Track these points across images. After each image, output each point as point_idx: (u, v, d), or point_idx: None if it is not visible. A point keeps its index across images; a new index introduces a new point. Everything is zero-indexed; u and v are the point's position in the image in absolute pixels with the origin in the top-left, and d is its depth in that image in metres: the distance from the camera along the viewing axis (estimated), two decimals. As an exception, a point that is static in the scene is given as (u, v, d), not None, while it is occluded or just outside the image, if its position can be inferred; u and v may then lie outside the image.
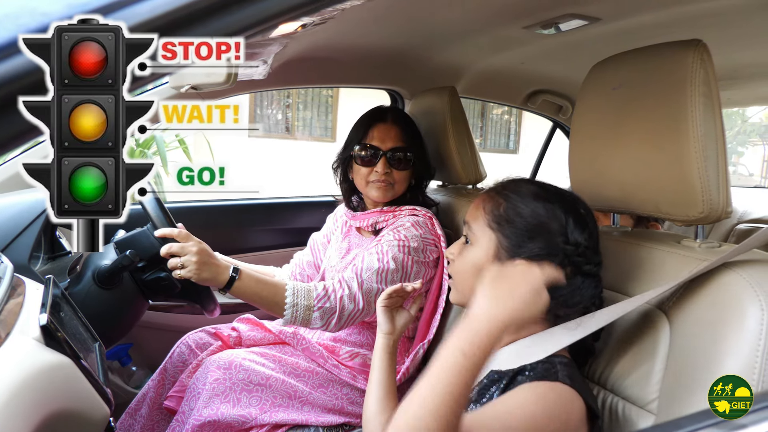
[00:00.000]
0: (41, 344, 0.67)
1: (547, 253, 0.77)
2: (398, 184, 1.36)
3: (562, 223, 0.78)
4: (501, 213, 0.82)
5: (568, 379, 0.71)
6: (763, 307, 0.67)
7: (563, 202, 0.81)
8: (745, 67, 1.83)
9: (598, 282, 0.80)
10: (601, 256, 0.82)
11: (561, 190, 0.84)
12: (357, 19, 1.41)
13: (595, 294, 0.80)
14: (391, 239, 1.26)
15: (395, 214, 1.36)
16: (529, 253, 0.78)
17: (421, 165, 1.40)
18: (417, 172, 1.40)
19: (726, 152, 0.79)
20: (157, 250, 1.18)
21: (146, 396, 1.30)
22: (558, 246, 0.77)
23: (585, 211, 0.82)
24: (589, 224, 0.81)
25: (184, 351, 1.36)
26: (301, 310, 1.15)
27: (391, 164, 1.34)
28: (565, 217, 0.79)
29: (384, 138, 1.35)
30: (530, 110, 2.41)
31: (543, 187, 0.84)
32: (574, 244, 0.77)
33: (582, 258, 0.78)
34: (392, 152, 1.34)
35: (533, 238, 0.78)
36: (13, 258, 0.86)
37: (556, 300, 0.76)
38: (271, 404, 1.18)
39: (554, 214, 0.79)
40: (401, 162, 1.35)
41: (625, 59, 0.91)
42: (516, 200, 0.82)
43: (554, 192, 0.83)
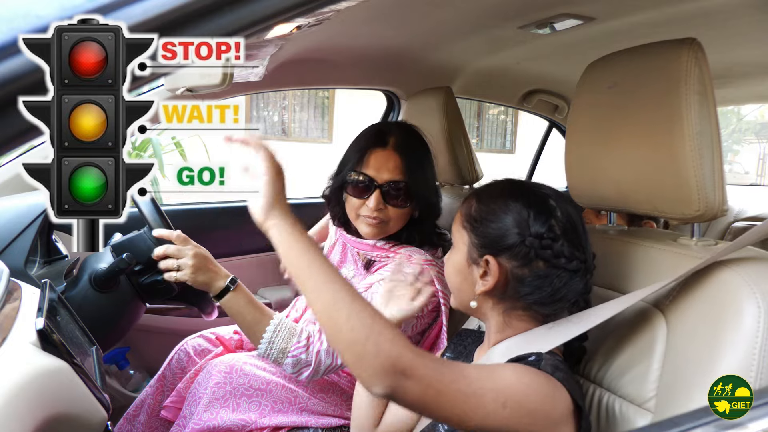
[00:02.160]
0: (38, 348, 0.66)
1: (509, 247, 0.77)
2: (393, 222, 1.17)
3: (523, 216, 0.78)
4: (471, 213, 0.83)
5: (549, 368, 0.71)
6: (759, 305, 0.67)
7: (529, 197, 0.80)
8: (740, 66, 1.84)
9: (582, 278, 0.79)
10: (588, 252, 0.81)
11: (534, 187, 0.83)
12: (352, 20, 1.41)
13: (580, 290, 0.79)
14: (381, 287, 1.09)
15: (389, 255, 1.19)
16: (494, 249, 0.79)
17: (423, 202, 1.18)
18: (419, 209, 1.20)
19: (721, 150, 0.79)
20: (154, 253, 1.18)
21: (144, 402, 1.30)
22: (520, 239, 0.77)
23: (556, 204, 0.80)
24: (556, 215, 0.79)
25: (182, 357, 1.35)
26: (275, 350, 1.07)
27: (386, 199, 1.14)
28: (527, 210, 0.78)
29: (380, 167, 1.14)
30: (526, 110, 2.42)
31: (515, 184, 0.84)
32: (536, 236, 0.77)
33: (549, 250, 0.77)
34: (388, 185, 1.14)
35: (498, 234, 0.79)
36: (9, 262, 0.85)
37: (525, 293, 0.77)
38: (270, 409, 1.17)
39: (516, 208, 0.79)
40: (398, 198, 1.15)
41: (619, 58, 0.91)
42: (485, 199, 0.83)
43: (524, 188, 0.83)
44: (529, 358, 0.73)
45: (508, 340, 0.80)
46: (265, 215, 0.67)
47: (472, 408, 0.64)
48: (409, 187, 1.15)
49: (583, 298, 0.80)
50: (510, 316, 0.80)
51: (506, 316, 0.81)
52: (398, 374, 0.62)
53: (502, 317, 0.81)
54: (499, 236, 0.79)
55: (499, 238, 0.79)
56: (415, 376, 0.62)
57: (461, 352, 0.92)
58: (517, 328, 0.80)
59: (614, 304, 0.78)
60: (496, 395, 0.66)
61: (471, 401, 0.64)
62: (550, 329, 0.79)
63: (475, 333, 0.96)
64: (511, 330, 0.81)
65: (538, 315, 0.80)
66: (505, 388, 0.67)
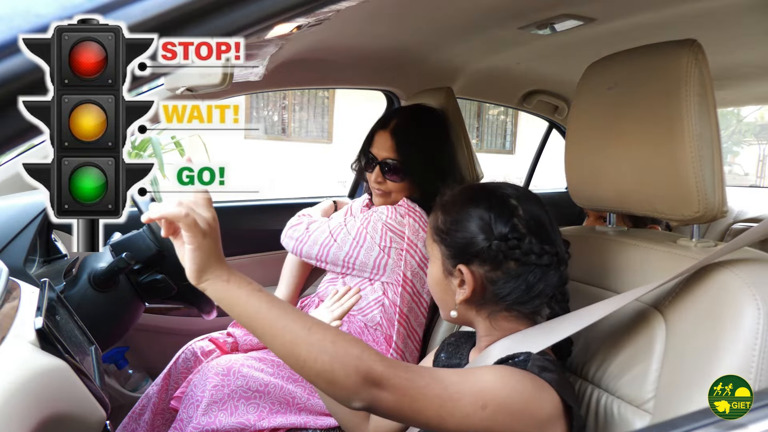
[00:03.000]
0: (37, 348, 0.66)
1: (478, 253, 0.78)
2: (395, 194, 1.35)
3: (486, 220, 0.78)
4: (438, 225, 0.83)
5: (536, 368, 0.71)
6: (759, 306, 0.67)
7: (490, 200, 0.80)
8: (740, 67, 1.84)
9: (556, 271, 0.79)
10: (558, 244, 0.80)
11: (493, 188, 0.83)
12: (352, 20, 1.41)
13: (555, 283, 0.79)
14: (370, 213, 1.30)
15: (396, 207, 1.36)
16: (464, 258, 0.79)
17: (419, 178, 1.34)
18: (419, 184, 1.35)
19: (721, 152, 0.79)
20: (154, 253, 1.18)
21: (150, 401, 1.30)
22: (487, 244, 0.77)
23: (517, 202, 0.80)
24: (518, 213, 0.78)
25: (189, 358, 1.36)
26: None
27: (384, 174, 1.34)
28: (488, 214, 0.78)
29: (380, 147, 1.34)
30: (526, 111, 2.42)
31: (474, 189, 0.84)
32: (501, 238, 0.77)
33: (517, 250, 0.76)
34: (385, 162, 1.33)
35: (465, 243, 0.79)
36: (8, 261, 0.85)
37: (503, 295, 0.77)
38: (269, 411, 1.17)
39: (478, 213, 0.79)
40: (393, 174, 1.33)
41: (620, 59, 0.91)
42: (449, 210, 0.83)
43: (483, 191, 0.82)
44: (517, 358, 0.73)
45: (500, 342, 0.80)
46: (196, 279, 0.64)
47: (449, 411, 0.65)
48: (402, 164, 1.32)
49: (560, 290, 0.80)
50: (495, 318, 0.81)
51: (491, 320, 0.81)
52: (371, 387, 0.62)
53: (488, 321, 0.81)
54: (466, 244, 0.79)
55: (466, 246, 0.79)
56: (388, 386, 0.63)
57: (455, 354, 0.92)
58: (505, 329, 0.80)
59: (608, 303, 0.78)
60: (474, 398, 0.66)
61: (447, 405, 0.65)
62: (540, 328, 0.79)
63: (469, 334, 0.96)
64: (500, 332, 0.81)
65: (521, 314, 0.80)
66: (484, 390, 0.67)
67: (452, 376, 0.69)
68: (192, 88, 0.91)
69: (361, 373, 0.62)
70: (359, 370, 0.62)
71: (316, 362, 0.62)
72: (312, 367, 0.63)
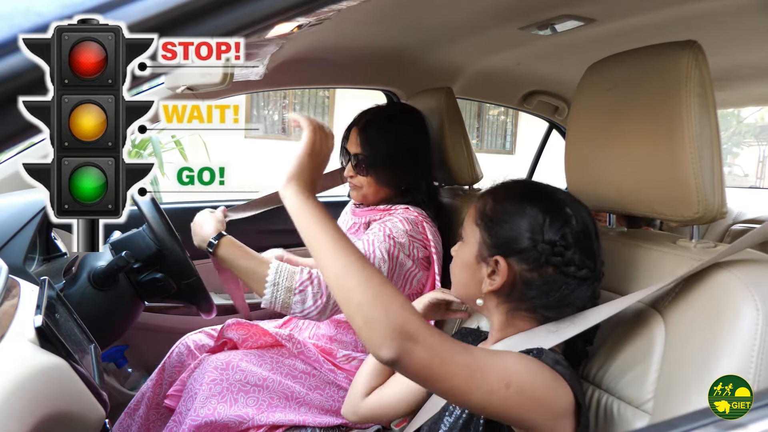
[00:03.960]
0: (36, 346, 0.66)
1: (521, 251, 0.78)
2: (366, 187, 1.38)
3: (539, 221, 0.78)
4: (486, 211, 0.83)
5: (551, 361, 0.71)
6: (758, 307, 0.67)
7: (546, 201, 0.80)
8: (740, 68, 1.84)
9: (590, 285, 0.79)
10: (598, 261, 0.81)
11: (551, 191, 0.83)
12: (353, 19, 1.41)
13: (586, 297, 0.79)
14: (377, 230, 1.25)
15: (390, 212, 1.35)
16: (505, 250, 0.79)
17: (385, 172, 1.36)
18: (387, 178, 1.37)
19: (721, 153, 0.79)
20: (153, 251, 1.18)
21: (144, 396, 1.30)
22: (533, 244, 0.77)
23: (572, 212, 0.80)
24: (571, 223, 0.78)
25: (182, 351, 1.36)
26: (281, 290, 1.10)
27: (355, 169, 1.38)
28: (543, 216, 0.78)
29: (351, 142, 1.39)
30: (526, 111, 2.42)
31: (532, 186, 0.84)
32: (549, 243, 0.77)
33: (560, 258, 0.76)
34: (355, 157, 1.37)
35: (511, 236, 0.79)
36: (8, 259, 0.85)
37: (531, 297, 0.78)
38: (268, 405, 1.17)
39: (532, 213, 0.79)
40: (359, 167, 1.37)
41: (620, 60, 0.91)
42: (501, 199, 0.83)
43: (541, 191, 0.82)
44: (531, 353, 0.73)
45: (509, 339, 0.80)
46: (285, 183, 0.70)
47: (477, 382, 0.64)
48: (367, 159, 1.35)
49: (591, 304, 0.80)
50: (513, 316, 0.81)
51: (509, 316, 0.81)
52: (406, 339, 0.62)
53: (506, 316, 0.81)
54: (511, 238, 0.79)
55: (511, 240, 0.79)
56: (422, 342, 0.63)
57: None
58: (519, 327, 0.81)
59: (612, 305, 0.78)
60: (501, 374, 0.66)
61: (476, 375, 0.65)
62: (547, 329, 0.79)
63: (475, 332, 0.96)
64: (513, 329, 0.81)
65: (543, 317, 0.80)
66: (509, 370, 0.67)
67: (481, 351, 0.69)
68: (192, 88, 0.92)
69: (399, 322, 0.62)
70: (398, 318, 0.63)
71: (362, 295, 0.64)
72: (356, 300, 0.64)
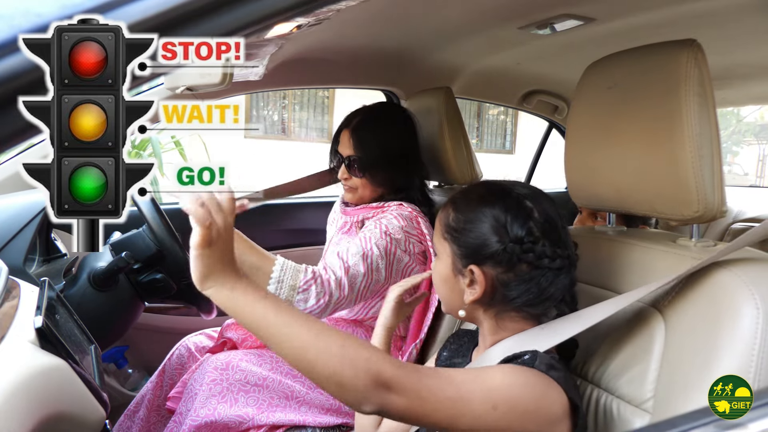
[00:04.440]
0: (36, 347, 0.66)
1: (491, 255, 0.77)
2: (361, 189, 1.38)
3: (501, 222, 0.77)
4: (450, 223, 0.82)
5: (543, 366, 0.71)
6: (758, 306, 0.67)
7: (505, 200, 0.79)
8: (740, 67, 1.84)
9: (567, 274, 0.78)
10: (569, 247, 0.80)
11: (509, 188, 0.82)
12: (352, 19, 1.41)
13: (565, 286, 0.79)
14: (373, 228, 1.26)
15: (383, 210, 1.35)
16: (477, 258, 0.78)
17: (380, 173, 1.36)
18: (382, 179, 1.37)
19: (721, 152, 0.79)
20: (153, 252, 1.18)
21: (144, 398, 1.30)
22: (501, 246, 0.76)
23: (533, 204, 0.79)
24: (533, 216, 0.78)
25: (183, 353, 1.36)
26: (285, 287, 1.10)
27: (349, 170, 1.37)
28: (504, 215, 0.78)
29: (343, 145, 1.38)
30: (526, 110, 2.42)
31: (489, 187, 0.83)
32: (516, 241, 0.76)
33: (531, 253, 0.76)
34: (348, 159, 1.36)
35: (479, 244, 0.78)
36: (8, 260, 0.85)
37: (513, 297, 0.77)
38: (268, 404, 1.17)
39: (493, 214, 0.78)
40: (354, 169, 1.36)
41: (619, 59, 0.91)
42: (461, 207, 0.82)
43: (499, 191, 0.81)
44: (524, 357, 0.73)
45: (504, 341, 0.80)
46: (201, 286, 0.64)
47: (461, 412, 0.64)
48: (361, 160, 1.35)
49: (569, 293, 0.80)
50: (502, 318, 0.81)
51: (498, 320, 0.81)
52: (381, 390, 0.61)
53: (494, 321, 0.81)
54: (479, 245, 0.78)
55: (479, 247, 0.78)
56: (397, 388, 0.62)
57: (458, 352, 0.92)
58: (511, 329, 0.80)
59: (611, 303, 0.78)
60: (485, 398, 0.65)
61: (458, 405, 0.64)
62: (544, 329, 0.79)
63: (472, 333, 0.96)
64: (506, 331, 0.81)
65: (529, 315, 0.80)
66: (494, 390, 0.66)
67: (462, 376, 0.68)
68: (192, 88, 0.92)
69: (370, 376, 0.61)
70: (369, 373, 0.61)
71: (325, 366, 0.62)
72: (321, 371, 0.62)
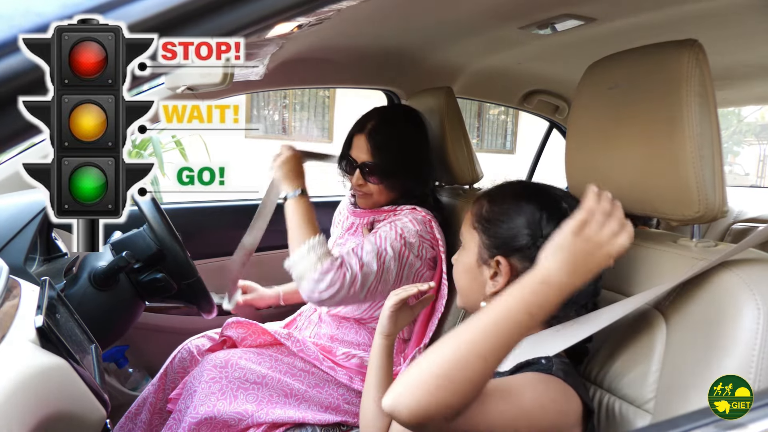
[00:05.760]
0: (37, 346, 0.66)
1: (521, 248, 0.77)
2: (376, 195, 1.35)
3: (536, 218, 0.78)
4: (482, 214, 0.83)
5: (561, 373, 0.71)
6: (759, 306, 0.67)
7: (543, 199, 0.80)
8: (741, 67, 1.84)
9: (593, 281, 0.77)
10: None
11: (547, 188, 0.83)
12: (353, 19, 1.41)
13: (590, 293, 0.79)
14: (388, 229, 1.25)
15: (395, 213, 1.34)
16: (505, 250, 0.78)
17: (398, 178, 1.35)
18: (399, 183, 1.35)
19: (721, 152, 0.79)
20: (154, 251, 1.18)
21: (146, 401, 1.30)
22: (532, 241, 0.77)
23: (568, 206, 0.79)
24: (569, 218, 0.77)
25: (185, 357, 1.36)
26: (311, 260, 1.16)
27: (365, 177, 1.34)
28: (540, 212, 0.78)
29: (359, 150, 1.34)
30: (527, 110, 2.42)
31: (527, 185, 0.84)
32: (548, 238, 0.74)
33: None
34: (364, 165, 1.33)
35: (510, 235, 0.78)
36: (8, 260, 0.85)
37: None
38: (267, 402, 1.17)
39: (529, 209, 0.79)
40: (373, 176, 1.33)
41: (620, 59, 0.91)
42: (497, 200, 0.83)
43: (537, 190, 0.82)
44: (540, 362, 0.73)
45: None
46: None
47: None
48: (380, 166, 1.33)
49: (592, 301, 0.80)
50: None
51: None
52: None
53: None
54: (510, 237, 0.78)
55: (510, 238, 0.78)
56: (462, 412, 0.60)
57: None
58: None
59: (620, 306, 0.78)
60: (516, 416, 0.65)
61: None
62: (557, 332, 0.78)
63: None
64: None
65: None
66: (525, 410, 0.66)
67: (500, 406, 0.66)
68: (192, 88, 0.92)
69: None
70: None
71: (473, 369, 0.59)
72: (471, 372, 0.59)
